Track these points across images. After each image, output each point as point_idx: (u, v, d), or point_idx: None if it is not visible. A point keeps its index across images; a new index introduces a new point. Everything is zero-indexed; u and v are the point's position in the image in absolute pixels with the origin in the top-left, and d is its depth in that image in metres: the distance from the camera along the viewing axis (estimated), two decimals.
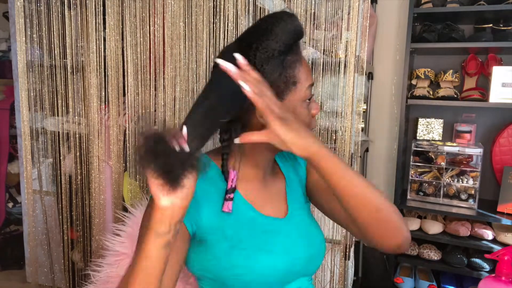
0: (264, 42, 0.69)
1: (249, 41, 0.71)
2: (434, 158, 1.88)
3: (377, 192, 0.69)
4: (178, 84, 1.68)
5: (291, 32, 0.70)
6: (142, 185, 1.78)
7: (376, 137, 2.15)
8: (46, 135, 1.90)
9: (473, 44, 1.75)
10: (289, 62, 0.73)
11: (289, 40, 0.70)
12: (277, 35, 0.69)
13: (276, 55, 0.70)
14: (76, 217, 1.91)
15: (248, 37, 0.72)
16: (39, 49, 1.86)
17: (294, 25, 0.70)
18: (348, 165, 0.70)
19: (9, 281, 2.26)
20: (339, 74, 1.48)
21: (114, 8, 1.68)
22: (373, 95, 2.11)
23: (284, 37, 0.69)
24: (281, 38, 0.69)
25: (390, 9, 2.04)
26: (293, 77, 0.73)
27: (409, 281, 1.90)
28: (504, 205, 1.78)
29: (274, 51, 0.69)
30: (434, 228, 1.83)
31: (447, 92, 1.81)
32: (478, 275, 1.75)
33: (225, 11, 1.57)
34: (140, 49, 1.70)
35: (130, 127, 1.75)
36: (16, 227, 2.50)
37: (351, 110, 1.48)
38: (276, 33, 0.69)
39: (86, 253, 1.92)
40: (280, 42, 0.69)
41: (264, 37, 0.69)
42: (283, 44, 0.70)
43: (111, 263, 0.95)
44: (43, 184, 1.98)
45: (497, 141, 1.89)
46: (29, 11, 1.79)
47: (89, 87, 1.77)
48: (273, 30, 0.69)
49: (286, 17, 0.70)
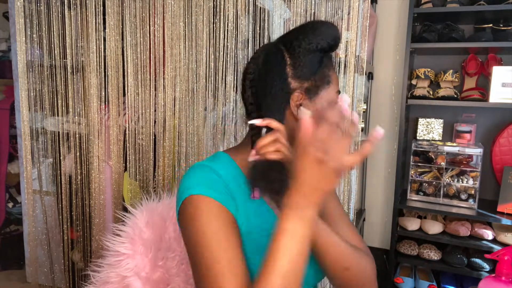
0: (310, 35, 0.74)
1: (295, 34, 0.76)
2: (434, 158, 1.88)
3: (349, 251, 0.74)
4: (178, 84, 1.68)
5: (332, 36, 0.75)
6: (142, 185, 1.78)
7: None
8: (46, 135, 1.90)
9: (473, 44, 1.75)
10: (326, 61, 0.77)
11: (330, 41, 0.75)
12: (322, 33, 0.74)
13: (318, 50, 0.75)
14: (76, 217, 1.91)
15: (294, 32, 0.77)
16: (39, 49, 1.86)
17: (336, 32, 0.76)
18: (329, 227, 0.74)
19: (9, 281, 2.26)
20: (339, 74, 1.48)
21: (114, 8, 1.68)
22: (373, 95, 2.11)
23: (327, 37, 0.75)
24: (325, 37, 0.74)
25: (390, 9, 2.04)
26: (328, 76, 0.77)
27: (409, 281, 1.90)
28: (504, 205, 1.78)
29: (318, 45, 0.74)
30: (434, 228, 1.83)
31: (447, 92, 1.81)
32: (478, 275, 1.75)
33: (225, 11, 1.57)
34: (140, 49, 1.70)
35: (130, 127, 1.75)
36: (16, 227, 2.50)
37: (351, 110, 1.48)
38: (322, 31, 0.75)
39: (86, 253, 1.92)
40: (324, 40, 0.74)
41: (311, 31, 0.75)
42: (326, 42, 0.75)
43: (111, 263, 0.95)
44: (43, 184, 1.98)
45: (497, 141, 1.88)
46: (29, 11, 1.79)
47: (89, 87, 1.77)
48: (320, 29, 0.75)
49: (330, 25, 0.76)
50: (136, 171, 1.77)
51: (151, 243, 0.96)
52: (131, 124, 1.75)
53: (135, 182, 1.78)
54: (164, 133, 1.72)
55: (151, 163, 1.77)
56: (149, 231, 0.98)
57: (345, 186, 1.54)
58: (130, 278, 0.92)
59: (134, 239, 0.96)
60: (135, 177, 1.77)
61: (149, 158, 1.77)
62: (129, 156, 1.76)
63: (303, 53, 0.75)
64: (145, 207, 1.02)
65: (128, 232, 0.98)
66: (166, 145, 1.72)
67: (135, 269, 0.93)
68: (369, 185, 2.18)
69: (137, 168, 1.77)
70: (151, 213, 1.01)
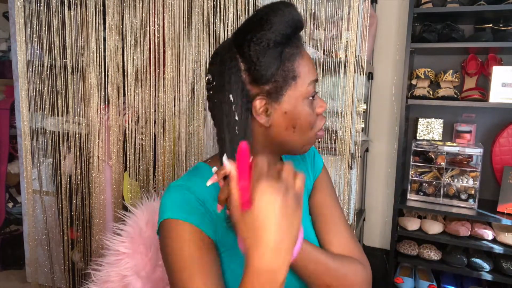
0: (259, 32, 0.64)
1: (244, 32, 0.66)
2: (434, 158, 1.88)
3: (332, 266, 0.71)
4: (178, 84, 1.68)
5: (289, 22, 0.65)
6: (142, 185, 1.78)
7: (376, 137, 2.15)
8: (46, 135, 1.90)
9: (473, 44, 1.75)
10: (287, 54, 0.67)
11: (286, 30, 0.65)
12: (273, 25, 0.63)
13: (272, 46, 0.65)
14: (76, 217, 1.91)
15: (243, 29, 0.67)
16: (39, 49, 1.86)
17: (292, 15, 0.65)
18: (314, 247, 0.71)
19: (9, 281, 2.26)
20: (339, 74, 1.48)
21: (114, 8, 1.68)
22: (373, 95, 2.11)
23: (281, 27, 0.64)
24: (278, 28, 0.64)
25: (390, 9, 2.04)
26: (292, 71, 0.68)
27: (409, 281, 1.90)
28: (504, 205, 1.78)
29: (270, 41, 0.64)
30: (434, 228, 1.83)
31: (447, 92, 1.81)
32: (478, 275, 1.75)
33: (225, 11, 1.58)
34: (140, 49, 1.70)
35: (130, 127, 1.75)
36: (16, 227, 2.50)
37: (351, 110, 1.48)
38: (272, 22, 0.63)
39: (86, 253, 1.92)
40: (277, 32, 0.64)
41: (259, 27, 0.64)
42: (280, 34, 0.64)
43: (111, 262, 0.95)
44: (43, 184, 1.98)
45: (497, 141, 1.88)
46: (29, 11, 1.79)
47: (89, 87, 1.77)
48: (268, 20, 0.63)
49: (283, 7, 0.64)
50: (136, 171, 1.77)
51: (151, 242, 0.96)
52: (131, 124, 1.75)
53: (135, 182, 1.78)
54: (164, 133, 1.72)
55: (151, 163, 1.77)
56: (149, 230, 0.98)
57: (345, 186, 1.54)
58: (130, 277, 0.92)
59: (134, 238, 0.96)
60: (135, 177, 1.77)
61: (149, 158, 1.77)
62: (129, 156, 1.76)
63: (255, 55, 0.65)
64: (145, 206, 1.02)
65: (128, 231, 0.98)
66: (166, 145, 1.72)
67: (135, 268, 0.93)
68: (369, 185, 2.18)
69: (137, 168, 1.77)
70: (151, 212, 1.01)
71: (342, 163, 1.52)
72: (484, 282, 1.89)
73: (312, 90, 0.71)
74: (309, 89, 0.70)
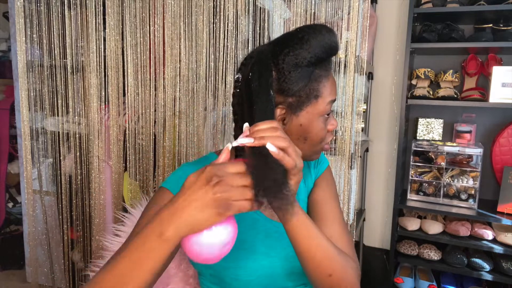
0: (297, 49, 0.69)
1: (283, 45, 0.71)
2: (434, 158, 1.88)
3: (334, 255, 0.69)
4: (178, 84, 1.68)
5: (326, 47, 0.70)
6: (142, 185, 1.78)
7: (376, 137, 2.15)
8: (46, 135, 1.90)
9: (473, 44, 1.75)
10: (316, 75, 0.72)
11: (322, 54, 0.70)
12: (311, 46, 0.69)
13: (305, 64, 0.70)
14: (76, 217, 1.91)
15: (283, 41, 0.72)
16: (39, 49, 1.86)
17: (331, 41, 0.70)
18: (316, 227, 0.69)
19: (9, 281, 2.26)
20: (339, 74, 1.48)
21: (114, 8, 1.68)
22: (373, 95, 2.11)
23: (317, 50, 0.69)
24: (315, 50, 0.69)
25: (390, 9, 2.04)
26: (317, 90, 0.73)
27: (409, 281, 1.90)
28: (504, 205, 1.78)
29: (304, 60, 0.69)
30: (434, 228, 1.83)
31: (447, 92, 1.81)
32: (478, 275, 1.75)
33: (225, 11, 1.57)
34: (140, 49, 1.70)
35: (130, 127, 1.75)
36: (16, 227, 2.50)
37: (351, 110, 1.48)
38: (311, 43, 0.69)
39: (86, 253, 1.92)
40: (313, 53, 0.69)
41: (298, 45, 0.69)
42: (315, 56, 0.70)
43: None
44: (43, 184, 1.98)
45: (497, 141, 1.88)
46: (29, 11, 1.79)
47: (89, 87, 1.77)
48: (308, 41, 0.69)
49: (324, 31, 0.70)
50: (136, 171, 1.77)
51: None
52: (131, 124, 1.75)
53: (135, 182, 1.78)
54: (164, 133, 1.72)
55: (151, 163, 1.77)
56: None
57: (345, 186, 1.54)
58: None
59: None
60: (135, 177, 1.77)
61: (149, 158, 1.77)
62: (129, 156, 1.76)
63: (288, 69, 0.70)
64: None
65: (127, 232, 0.97)
66: (166, 145, 1.72)
67: None
68: (369, 185, 2.18)
69: (137, 168, 1.77)
70: None
71: (342, 163, 1.52)
72: (484, 282, 1.89)
73: (329, 109, 0.76)
74: (327, 108, 0.75)
